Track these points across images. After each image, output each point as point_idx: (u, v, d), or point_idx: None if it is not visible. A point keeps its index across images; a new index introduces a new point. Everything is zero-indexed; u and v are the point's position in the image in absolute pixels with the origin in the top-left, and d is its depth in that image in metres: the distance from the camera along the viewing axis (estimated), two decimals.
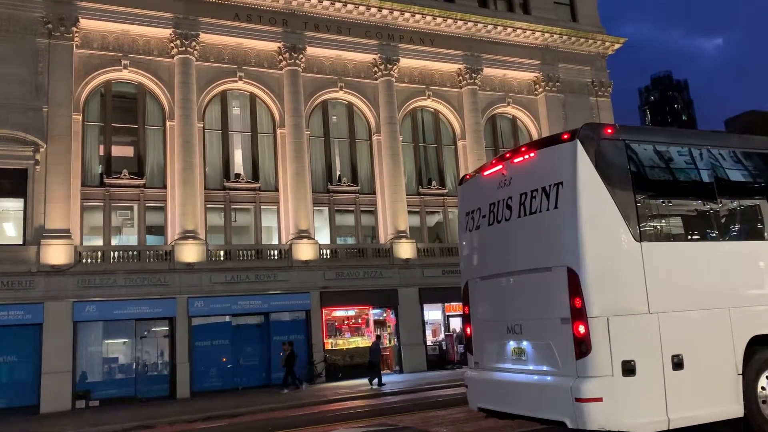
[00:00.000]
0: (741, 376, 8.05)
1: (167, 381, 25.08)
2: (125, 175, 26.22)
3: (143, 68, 27.15)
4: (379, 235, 30.52)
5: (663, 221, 8.44)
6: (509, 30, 33.55)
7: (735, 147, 9.02)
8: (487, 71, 33.35)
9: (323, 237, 29.49)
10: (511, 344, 8.65)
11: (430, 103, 32.75)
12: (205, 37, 27.89)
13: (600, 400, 7.27)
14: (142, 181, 26.56)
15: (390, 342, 29.31)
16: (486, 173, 9.46)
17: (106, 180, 25.99)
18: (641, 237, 7.80)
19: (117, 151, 27.03)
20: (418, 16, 31.51)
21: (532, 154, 8.56)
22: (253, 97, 29.32)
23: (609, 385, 7.32)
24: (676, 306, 7.86)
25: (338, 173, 30.64)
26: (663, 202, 8.50)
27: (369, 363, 24.72)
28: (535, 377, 8.18)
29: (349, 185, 30.41)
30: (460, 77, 32.87)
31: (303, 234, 27.94)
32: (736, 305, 8.20)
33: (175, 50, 27.31)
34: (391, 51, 31.18)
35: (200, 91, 27.74)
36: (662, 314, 7.72)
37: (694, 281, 8.08)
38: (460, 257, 10.12)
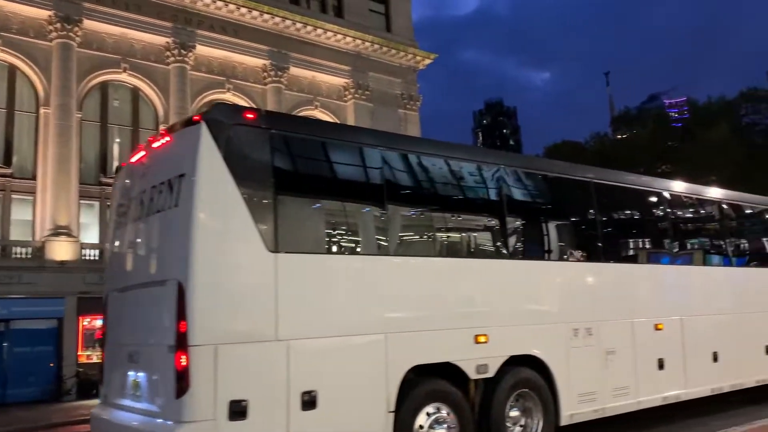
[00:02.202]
0: (393, 414, 6.91)
1: None
2: None
3: None
4: None
5: (311, 229, 7.11)
6: (320, 31, 32.39)
7: (414, 151, 8.00)
8: (296, 71, 31.88)
9: (91, 235, 26.10)
10: (131, 375, 6.89)
11: (230, 97, 30.50)
12: None
13: None
14: None
15: None
16: (132, 161, 7.70)
17: None
18: (278, 247, 6.40)
19: None
20: (220, 3, 29.27)
21: (167, 139, 6.93)
22: (12, 69, 25.30)
23: (209, 431, 5.79)
24: (316, 331, 6.55)
25: (116, 164, 27.38)
26: (314, 207, 7.19)
27: None
28: (142, 419, 6.48)
29: None
30: (266, 73, 31.07)
31: (62, 230, 24.43)
32: (396, 330, 7.08)
33: None
34: (187, 36, 28.58)
35: None
36: (295, 341, 6.36)
37: (344, 302, 6.83)
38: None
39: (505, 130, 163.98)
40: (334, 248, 7.21)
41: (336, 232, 7.32)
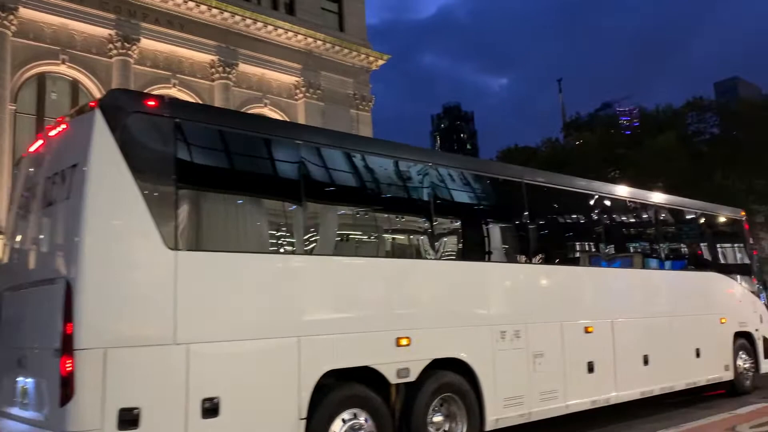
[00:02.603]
0: (305, 421, 6.59)
1: None
2: None
3: None
4: None
5: (218, 226, 6.72)
6: (270, 28, 31.80)
7: (335, 146, 7.69)
8: (245, 68, 31.20)
9: None
10: (20, 381, 6.39)
11: (176, 93, 29.56)
12: None
13: None
14: None
15: None
16: (31, 150, 7.21)
17: None
18: (178, 244, 6.01)
19: None
20: None
21: (63, 126, 6.48)
22: None
23: None
24: (221, 334, 6.17)
25: None
26: (222, 203, 6.81)
27: None
28: (28, 429, 6.01)
29: None
30: (214, 69, 30.32)
31: None
32: (310, 333, 6.76)
33: None
34: (130, 28, 27.63)
35: None
36: (196, 345, 5.97)
37: (252, 303, 6.47)
38: None
39: (462, 134, 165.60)
40: (243, 246, 6.82)
41: (245, 229, 6.94)
